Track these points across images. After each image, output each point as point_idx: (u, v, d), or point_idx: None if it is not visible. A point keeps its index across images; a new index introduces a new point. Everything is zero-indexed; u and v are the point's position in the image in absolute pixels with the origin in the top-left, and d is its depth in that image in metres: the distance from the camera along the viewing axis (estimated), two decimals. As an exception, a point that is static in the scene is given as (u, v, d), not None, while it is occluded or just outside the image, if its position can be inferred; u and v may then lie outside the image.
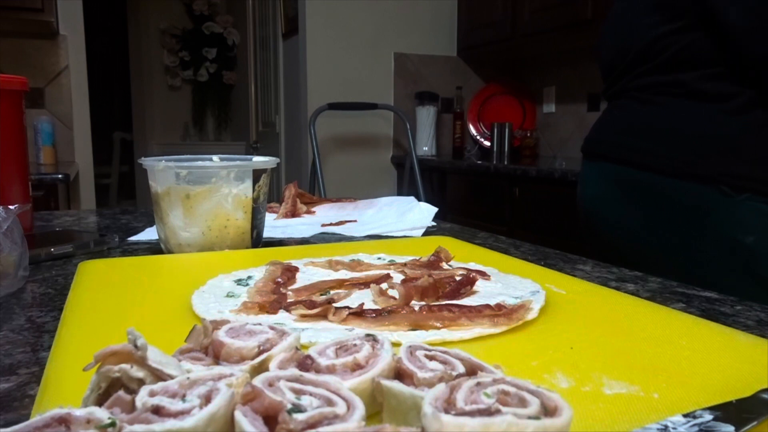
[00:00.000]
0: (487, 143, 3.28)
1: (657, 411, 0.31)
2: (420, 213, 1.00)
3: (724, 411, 0.30)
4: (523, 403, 0.25)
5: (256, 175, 0.74)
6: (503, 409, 0.24)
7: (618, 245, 1.09)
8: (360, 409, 0.25)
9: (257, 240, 0.77)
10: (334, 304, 0.46)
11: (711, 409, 0.30)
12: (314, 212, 1.07)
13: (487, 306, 0.46)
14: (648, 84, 1.06)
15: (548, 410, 0.25)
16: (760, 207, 0.94)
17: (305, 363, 0.30)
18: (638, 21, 1.07)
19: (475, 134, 3.38)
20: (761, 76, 0.93)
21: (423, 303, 0.49)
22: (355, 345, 0.32)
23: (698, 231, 0.98)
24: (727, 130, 0.97)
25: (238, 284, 0.55)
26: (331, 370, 0.30)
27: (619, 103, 1.12)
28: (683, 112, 1.01)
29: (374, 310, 0.45)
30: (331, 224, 0.95)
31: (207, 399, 0.25)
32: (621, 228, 1.09)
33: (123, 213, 1.15)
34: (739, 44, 0.94)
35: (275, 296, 0.50)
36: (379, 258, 0.66)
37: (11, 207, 0.59)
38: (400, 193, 3.13)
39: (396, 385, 0.28)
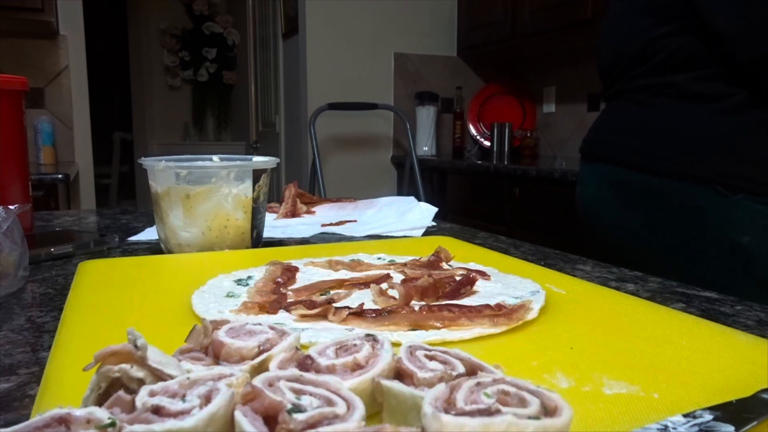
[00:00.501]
0: (487, 143, 3.28)
1: (657, 411, 0.31)
2: (420, 213, 1.00)
3: (724, 411, 0.30)
4: (523, 403, 0.25)
5: (256, 175, 0.74)
6: (503, 409, 0.24)
7: (618, 245, 1.09)
8: (360, 409, 0.25)
9: (257, 240, 0.77)
10: (334, 304, 0.46)
11: (711, 409, 0.30)
12: (314, 212, 1.07)
13: (487, 306, 0.46)
14: (645, 85, 1.06)
15: (548, 410, 0.25)
16: (755, 207, 0.94)
17: (305, 363, 0.30)
18: (635, 23, 1.07)
19: (475, 134, 3.38)
20: (755, 78, 0.93)
21: (423, 303, 0.49)
22: (355, 345, 0.32)
23: (697, 232, 0.98)
24: (721, 131, 0.97)
25: (238, 284, 0.55)
26: (331, 370, 0.30)
27: (618, 104, 1.12)
28: (679, 113, 1.01)
29: (374, 310, 0.45)
30: (331, 224, 0.95)
31: (207, 399, 0.25)
32: (620, 229, 1.09)
33: (123, 213, 1.15)
34: (731, 47, 0.94)
35: (275, 296, 0.50)
36: (379, 258, 0.66)
37: (11, 207, 0.59)
38: (400, 193, 3.13)
39: (396, 385, 0.28)
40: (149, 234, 0.88)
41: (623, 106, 1.11)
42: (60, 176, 2.28)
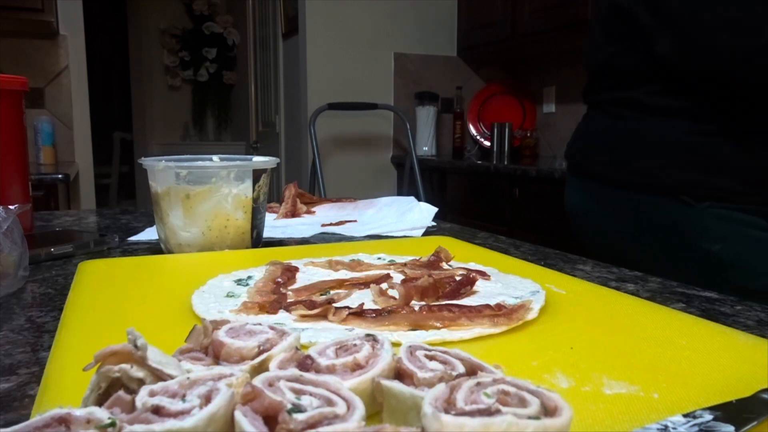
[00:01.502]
0: (487, 143, 3.28)
1: (657, 411, 0.31)
2: (420, 213, 1.00)
3: (724, 411, 0.30)
4: (523, 403, 0.25)
5: (256, 175, 0.74)
6: (503, 409, 0.24)
7: (603, 251, 1.10)
8: (360, 409, 0.25)
9: (257, 240, 0.77)
10: (334, 304, 0.46)
11: (711, 409, 0.30)
12: (314, 212, 1.07)
13: (487, 306, 0.46)
14: (609, 99, 1.09)
15: (548, 410, 0.25)
16: (722, 214, 0.96)
17: (305, 363, 0.30)
18: (595, 38, 1.12)
19: (475, 134, 3.38)
20: (703, 92, 0.96)
21: (423, 303, 0.49)
22: (355, 345, 0.32)
23: (669, 242, 1.00)
24: (681, 141, 0.99)
25: (238, 284, 0.55)
26: (331, 370, 0.30)
27: (592, 113, 1.16)
28: (641, 126, 1.04)
29: (374, 310, 0.45)
30: (331, 224, 0.95)
31: (207, 399, 0.25)
32: (602, 235, 1.11)
33: (123, 213, 1.15)
34: (673, 68, 0.97)
35: (275, 296, 0.50)
36: (379, 258, 0.66)
37: (11, 207, 0.59)
38: (400, 193, 3.13)
39: (396, 385, 0.28)
40: (149, 234, 0.88)
41: (594, 116, 1.14)
42: (60, 176, 2.28)
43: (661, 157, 1.00)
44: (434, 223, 0.99)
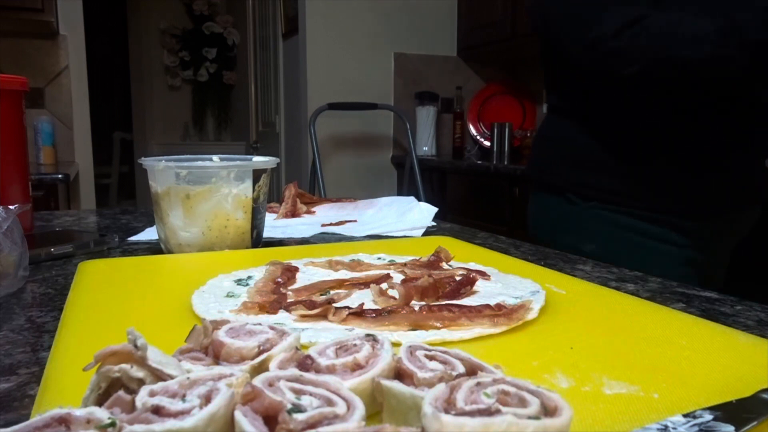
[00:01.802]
0: (487, 143, 3.28)
1: (657, 411, 0.31)
2: (420, 213, 1.00)
3: (724, 411, 0.30)
4: (523, 403, 0.25)
5: (256, 175, 0.74)
6: (503, 409, 0.24)
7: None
8: (360, 409, 0.25)
9: (257, 240, 0.77)
10: (334, 304, 0.46)
11: (711, 409, 0.30)
12: (314, 212, 1.07)
13: (487, 306, 0.46)
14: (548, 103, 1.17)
15: (548, 410, 0.25)
16: (602, 215, 0.99)
17: (305, 363, 0.30)
18: None
19: (475, 134, 3.38)
20: (588, 94, 1.01)
21: (423, 303, 0.49)
22: (355, 345, 0.32)
23: (560, 242, 1.01)
24: (573, 142, 1.03)
25: (238, 284, 0.55)
26: (331, 370, 0.30)
27: None
28: (549, 127, 1.11)
29: (374, 310, 0.45)
30: (331, 224, 0.95)
31: (207, 399, 0.25)
32: (539, 237, 1.14)
33: (123, 213, 1.15)
34: (555, 66, 1.05)
35: (275, 296, 0.50)
36: (379, 258, 0.66)
37: (11, 207, 0.59)
38: (400, 193, 3.13)
39: (396, 385, 0.28)
40: (149, 234, 0.88)
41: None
42: (60, 176, 2.28)
43: (556, 156, 1.06)
44: (434, 223, 0.99)
